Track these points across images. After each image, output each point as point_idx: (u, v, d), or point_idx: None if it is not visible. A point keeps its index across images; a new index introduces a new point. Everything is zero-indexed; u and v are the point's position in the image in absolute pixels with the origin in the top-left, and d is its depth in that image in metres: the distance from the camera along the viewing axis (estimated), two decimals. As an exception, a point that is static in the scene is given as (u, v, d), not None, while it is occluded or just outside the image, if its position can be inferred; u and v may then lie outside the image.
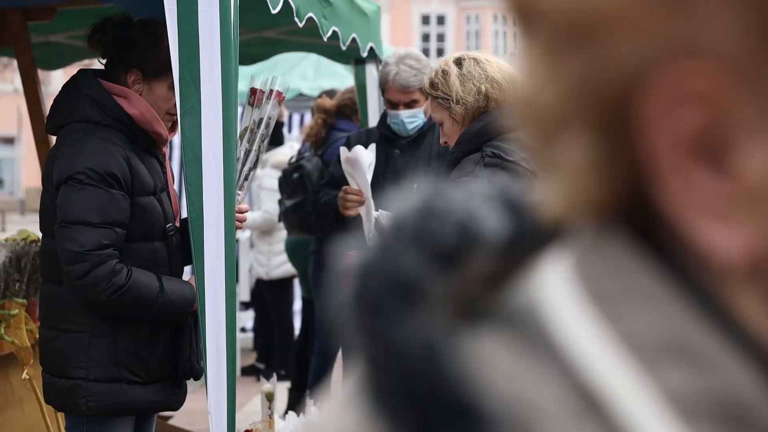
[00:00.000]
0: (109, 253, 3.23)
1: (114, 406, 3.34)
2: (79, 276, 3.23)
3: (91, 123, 3.35)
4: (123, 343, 3.33)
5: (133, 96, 3.39)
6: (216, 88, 3.09)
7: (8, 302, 4.09)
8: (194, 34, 3.09)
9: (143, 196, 3.35)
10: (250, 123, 3.61)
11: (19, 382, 4.19)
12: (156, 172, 3.45)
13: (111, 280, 3.22)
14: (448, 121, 3.28)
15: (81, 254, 3.22)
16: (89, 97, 3.38)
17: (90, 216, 3.23)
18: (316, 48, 5.87)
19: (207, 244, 3.10)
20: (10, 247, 4.21)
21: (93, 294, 3.24)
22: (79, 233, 3.23)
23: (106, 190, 3.25)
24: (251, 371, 8.72)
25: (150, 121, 3.39)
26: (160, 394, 3.42)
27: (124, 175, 3.28)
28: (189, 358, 3.43)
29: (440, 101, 3.28)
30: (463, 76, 3.24)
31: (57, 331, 3.37)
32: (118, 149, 3.31)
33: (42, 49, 5.61)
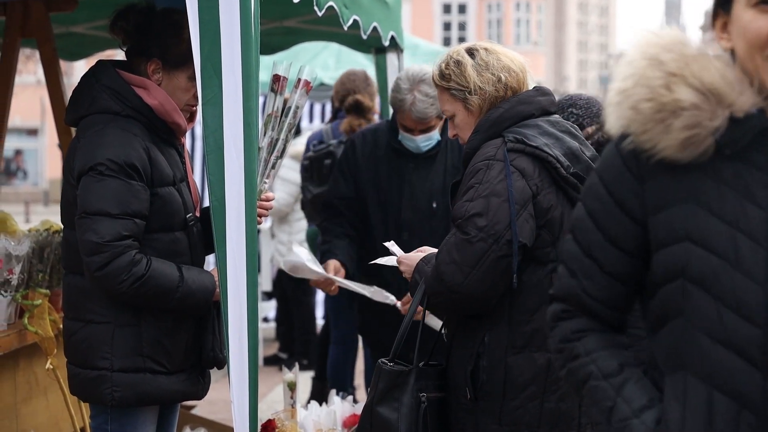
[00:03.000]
0: (128, 244, 3.24)
1: (139, 396, 3.35)
2: (99, 267, 3.24)
3: (110, 114, 3.35)
4: (147, 333, 3.33)
5: (153, 86, 3.39)
6: (237, 77, 3.08)
7: (31, 292, 4.10)
8: (215, 24, 3.08)
9: (163, 186, 3.35)
10: (274, 109, 3.58)
11: (43, 372, 4.22)
12: (175, 163, 3.45)
13: (131, 271, 3.22)
14: (462, 113, 3.25)
15: (100, 245, 3.23)
16: (108, 88, 3.38)
17: (110, 207, 3.24)
18: (337, 37, 5.85)
19: (229, 234, 3.10)
20: (33, 237, 4.23)
21: (113, 284, 3.25)
22: (99, 224, 3.24)
23: (126, 181, 3.26)
24: (274, 361, 8.74)
25: (169, 112, 3.39)
26: (185, 383, 3.44)
27: (143, 166, 3.29)
28: (212, 348, 3.44)
29: (454, 92, 3.24)
30: (479, 66, 3.21)
31: (81, 322, 3.39)
32: (138, 140, 3.31)
33: (64, 40, 5.62)
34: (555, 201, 3.09)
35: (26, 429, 4.35)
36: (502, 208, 3.01)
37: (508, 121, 3.16)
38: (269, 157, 3.59)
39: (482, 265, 2.99)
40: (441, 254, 3.07)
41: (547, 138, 3.13)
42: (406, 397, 3.09)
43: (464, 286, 3.00)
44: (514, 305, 3.08)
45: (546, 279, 3.09)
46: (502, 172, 3.04)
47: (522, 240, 3.01)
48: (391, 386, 3.11)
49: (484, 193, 3.03)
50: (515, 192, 3.02)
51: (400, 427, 3.08)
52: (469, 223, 3.02)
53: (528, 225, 3.04)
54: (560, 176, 3.09)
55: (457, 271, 3.01)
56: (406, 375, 3.11)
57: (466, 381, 3.09)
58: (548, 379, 3.09)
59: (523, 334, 3.07)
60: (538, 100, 3.21)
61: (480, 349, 3.08)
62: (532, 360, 3.08)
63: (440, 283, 3.04)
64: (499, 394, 3.08)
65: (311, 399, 6.54)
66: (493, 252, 2.99)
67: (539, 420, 3.08)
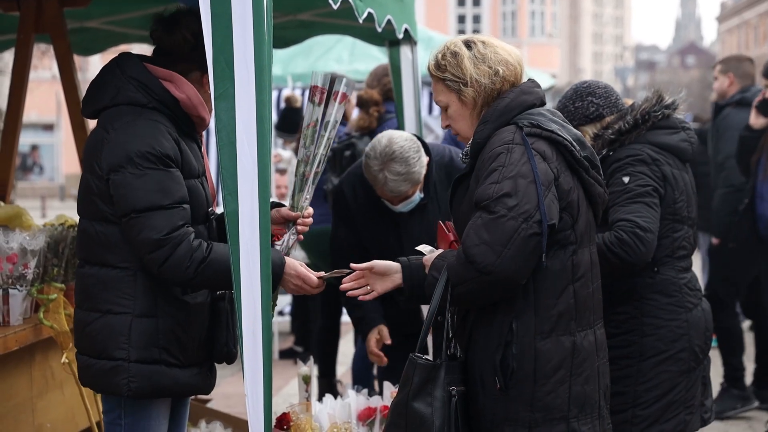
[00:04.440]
0: (184, 232, 3.23)
1: (154, 388, 3.35)
2: (163, 261, 3.22)
3: (137, 106, 3.32)
4: (163, 324, 3.33)
5: (180, 80, 3.38)
6: (250, 71, 3.08)
7: (47, 287, 4.12)
8: (227, 18, 3.08)
9: (190, 178, 3.35)
10: (312, 121, 3.52)
11: (59, 367, 4.23)
12: (197, 156, 3.44)
13: (192, 256, 3.21)
14: (456, 104, 3.25)
15: (160, 240, 3.21)
16: (135, 79, 3.35)
17: (160, 199, 3.22)
18: (351, 30, 5.85)
19: (242, 228, 3.10)
20: (48, 232, 4.24)
21: (179, 275, 3.23)
22: (153, 219, 3.21)
23: (166, 171, 3.25)
24: (289, 354, 8.76)
25: (196, 106, 3.38)
26: (196, 377, 3.44)
27: (176, 156, 3.29)
28: (226, 342, 3.45)
29: (448, 83, 3.24)
30: (475, 59, 3.21)
31: (97, 312, 3.35)
32: (168, 131, 3.31)
33: (78, 35, 5.64)
34: (572, 184, 3.14)
35: (42, 423, 4.37)
36: (530, 188, 3.02)
37: (516, 109, 3.18)
38: (309, 171, 3.54)
39: (514, 243, 2.99)
40: (468, 237, 3.04)
41: (555, 124, 3.17)
42: (438, 391, 3.09)
43: (497, 266, 2.99)
44: (538, 290, 3.09)
45: (568, 262, 3.10)
46: (525, 155, 3.06)
47: (551, 220, 3.03)
48: (426, 380, 3.10)
49: (510, 175, 3.03)
50: (540, 173, 3.04)
51: (435, 422, 3.07)
52: (498, 203, 3.01)
53: (554, 206, 3.07)
54: (575, 159, 3.12)
55: (488, 252, 2.99)
56: (438, 369, 3.11)
57: (495, 370, 3.09)
58: (574, 362, 3.12)
59: (549, 318, 3.09)
60: (536, 91, 3.25)
61: (508, 338, 3.08)
62: (560, 343, 3.10)
63: (469, 268, 3.02)
64: (530, 381, 3.08)
65: (320, 398, 6.51)
66: (524, 230, 2.99)
67: (569, 404, 3.11)
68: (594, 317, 3.22)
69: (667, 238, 4.14)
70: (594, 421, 3.16)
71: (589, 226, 3.20)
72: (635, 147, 4.13)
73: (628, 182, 4.01)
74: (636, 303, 4.04)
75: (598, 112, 4.21)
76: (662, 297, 4.10)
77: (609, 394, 3.31)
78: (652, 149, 4.14)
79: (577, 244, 3.13)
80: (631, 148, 4.12)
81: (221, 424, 5.01)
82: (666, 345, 4.08)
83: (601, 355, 3.24)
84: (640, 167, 4.06)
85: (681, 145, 4.20)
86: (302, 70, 10.61)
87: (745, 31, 67.27)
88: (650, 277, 4.10)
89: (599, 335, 3.25)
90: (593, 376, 3.17)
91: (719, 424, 6.81)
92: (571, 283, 3.12)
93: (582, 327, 3.15)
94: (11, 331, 3.96)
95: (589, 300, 3.18)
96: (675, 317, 4.10)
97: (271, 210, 3.44)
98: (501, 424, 3.11)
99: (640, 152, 4.11)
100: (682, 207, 4.17)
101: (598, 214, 3.28)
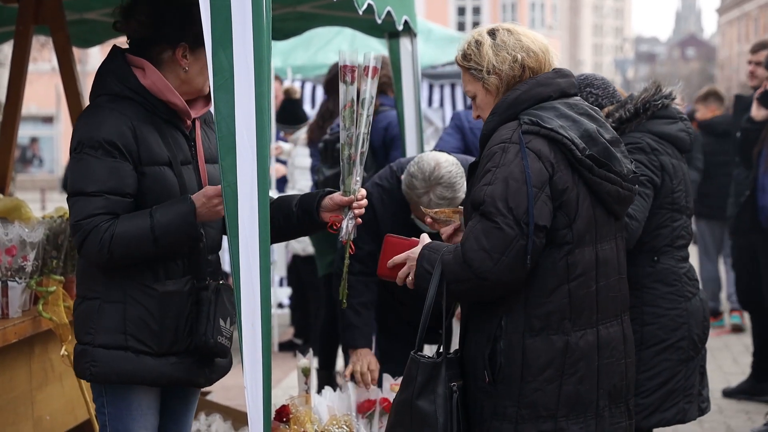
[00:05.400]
0: (98, 220, 3.28)
1: (118, 374, 3.36)
2: (79, 245, 3.33)
3: (111, 95, 3.39)
4: (132, 311, 3.35)
5: (148, 66, 3.40)
6: (249, 63, 3.07)
7: (46, 279, 4.12)
8: (226, 9, 3.07)
9: (152, 165, 3.36)
10: (348, 101, 3.47)
11: (58, 359, 4.23)
12: (177, 145, 3.44)
13: (101, 240, 3.27)
14: (482, 93, 3.24)
15: (74, 225, 3.32)
16: (113, 71, 3.42)
17: (85, 186, 3.30)
18: (351, 22, 5.83)
19: (241, 220, 3.10)
20: (47, 224, 4.24)
21: (96, 258, 3.32)
22: (75, 204, 3.32)
23: (101, 159, 3.29)
24: (289, 347, 8.76)
25: (162, 91, 3.40)
26: (175, 367, 3.41)
27: (126, 144, 3.30)
28: (204, 332, 3.40)
29: (473, 72, 3.23)
30: (497, 46, 3.20)
31: (79, 298, 3.47)
32: (124, 119, 3.33)
33: (77, 27, 5.63)
34: (571, 183, 3.08)
35: (42, 415, 4.37)
36: (521, 191, 3.00)
37: (525, 103, 3.14)
38: (355, 153, 3.47)
39: (511, 251, 2.99)
40: (468, 242, 3.05)
41: (564, 120, 3.11)
42: (440, 388, 3.10)
43: (494, 272, 3.00)
44: (530, 288, 3.07)
45: (561, 261, 3.08)
46: (518, 155, 3.03)
47: (541, 222, 3.01)
48: (429, 378, 3.11)
49: (503, 176, 3.02)
50: (532, 174, 3.01)
51: (439, 419, 3.08)
52: (493, 209, 3.01)
53: (547, 207, 3.03)
54: (575, 158, 3.07)
55: (486, 258, 3.00)
56: (440, 366, 3.11)
57: (484, 364, 3.09)
58: (566, 362, 3.08)
59: (540, 316, 3.07)
60: (557, 82, 3.19)
61: (497, 333, 3.08)
62: (550, 342, 3.07)
63: (467, 270, 3.03)
64: (517, 377, 3.08)
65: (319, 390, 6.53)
66: (521, 238, 2.99)
67: (557, 403, 3.08)
68: (599, 316, 3.15)
69: (666, 227, 4.16)
70: (589, 421, 3.12)
71: (593, 225, 3.13)
72: (635, 135, 4.17)
73: None
74: (636, 292, 4.05)
75: (597, 102, 4.24)
76: (662, 286, 4.13)
77: (623, 393, 3.24)
78: (652, 138, 4.17)
79: (575, 243, 3.09)
80: (630, 136, 4.16)
81: (221, 417, 5.01)
82: (666, 334, 4.11)
83: (608, 354, 3.17)
84: (637, 155, 4.08)
85: (680, 135, 4.24)
86: (302, 62, 10.59)
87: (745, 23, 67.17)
88: (650, 266, 4.13)
89: (606, 334, 3.17)
90: (590, 376, 3.12)
91: (718, 416, 6.81)
92: (566, 282, 3.08)
93: (579, 327, 3.10)
94: (10, 324, 3.96)
95: (590, 299, 3.12)
96: (675, 306, 4.13)
97: (323, 198, 3.50)
98: (489, 418, 3.12)
99: (640, 141, 4.15)
100: (680, 197, 4.20)
101: (614, 211, 3.19)
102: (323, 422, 4.09)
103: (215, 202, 3.29)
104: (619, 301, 3.24)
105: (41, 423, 4.36)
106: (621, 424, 3.24)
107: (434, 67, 10.58)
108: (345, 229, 3.46)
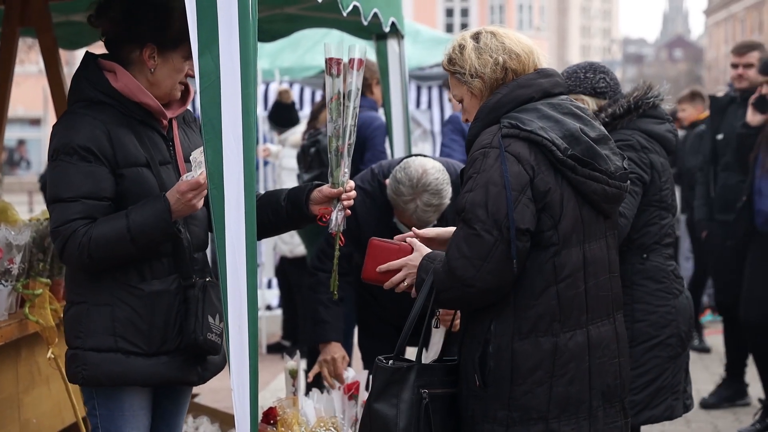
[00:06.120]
0: (76, 225, 3.29)
1: (108, 376, 3.36)
2: (60, 251, 3.34)
3: (86, 101, 3.39)
4: (119, 313, 3.35)
5: (119, 69, 3.40)
6: (235, 65, 3.07)
7: (32, 282, 4.10)
8: (213, 12, 3.06)
9: (130, 167, 3.36)
10: (334, 94, 3.48)
11: (45, 362, 4.22)
12: (155, 145, 3.44)
13: (80, 244, 3.28)
14: (467, 96, 3.24)
15: (54, 232, 3.33)
16: (86, 78, 3.42)
17: (62, 192, 3.31)
18: (338, 24, 5.83)
19: (227, 222, 3.09)
20: (34, 227, 4.22)
21: (77, 263, 3.33)
22: (53, 211, 3.34)
23: (76, 165, 3.30)
24: (277, 348, 8.75)
25: (135, 93, 3.39)
26: (167, 366, 3.41)
27: (100, 148, 3.31)
28: (194, 330, 3.39)
29: (458, 76, 3.23)
30: (479, 49, 3.20)
31: (68, 303, 3.48)
32: (98, 123, 3.33)
33: (64, 29, 5.61)
34: (553, 184, 3.07)
35: (28, 418, 4.36)
36: (501, 195, 3.00)
37: (507, 106, 3.13)
38: (342, 145, 3.48)
39: (492, 257, 3.00)
40: (451, 249, 3.06)
41: (545, 121, 3.10)
42: (405, 393, 3.09)
43: (477, 279, 3.01)
44: (518, 290, 3.07)
45: (548, 263, 3.08)
46: (498, 159, 3.03)
47: (523, 225, 3.00)
48: (388, 383, 3.11)
49: (482, 182, 3.03)
50: (511, 177, 3.01)
51: (399, 423, 3.08)
52: (472, 215, 3.02)
53: (529, 210, 3.03)
54: (556, 159, 3.06)
55: (468, 265, 3.01)
56: (405, 372, 3.10)
57: (474, 368, 3.09)
58: (555, 364, 3.08)
59: (528, 319, 3.07)
60: (538, 83, 3.18)
61: (487, 336, 3.08)
62: (538, 345, 3.07)
63: (452, 278, 3.04)
64: (506, 380, 3.07)
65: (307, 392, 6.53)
66: (500, 242, 2.99)
67: (548, 404, 3.08)
68: (590, 316, 3.13)
69: (655, 225, 4.20)
70: (581, 421, 3.12)
71: (580, 225, 3.12)
72: (626, 132, 4.21)
73: None
74: (626, 289, 4.07)
75: (604, 90, 4.27)
76: (652, 283, 4.17)
77: (617, 392, 3.23)
78: (642, 136, 4.21)
79: (560, 244, 3.07)
80: (621, 133, 4.20)
81: (208, 419, 5.01)
82: (656, 331, 4.15)
83: (599, 354, 3.15)
84: (628, 152, 4.11)
85: (667, 135, 4.30)
86: (290, 63, 10.59)
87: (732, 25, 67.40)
88: (640, 264, 4.17)
89: (597, 334, 3.15)
90: (581, 377, 3.11)
91: (706, 416, 6.83)
92: (554, 284, 3.07)
93: (569, 328, 3.09)
94: (-4, 327, 3.94)
95: (579, 299, 3.11)
96: (664, 303, 4.17)
97: (312, 191, 3.52)
98: (480, 421, 3.11)
99: (630, 138, 4.19)
100: (667, 195, 4.25)
101: (602, 210, 3.17)
102: (310, 424, 4.09)
103: (189, 197, 3.29)
104: (610, 300, 3.23)
105: (28, 426, 4.34)
106: (616, 424, 3.23)
107: (422, 68, 10.59)
108: (334, 221, 3.48)
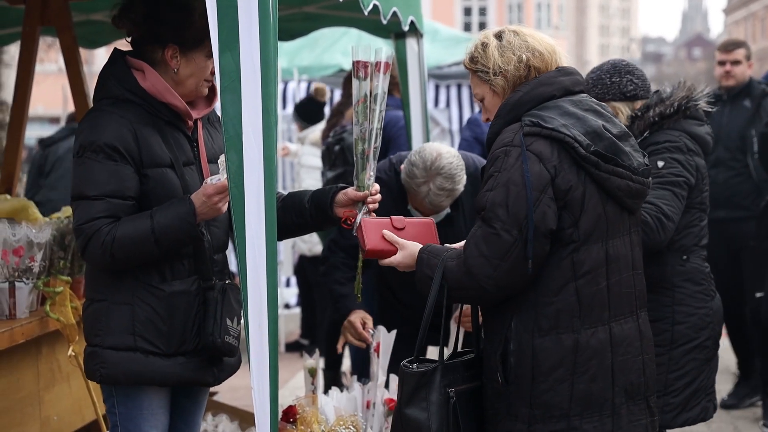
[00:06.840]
0: (99, 223, 3.30)
1: (126, 375, 3.37)
2: (82, 249, 3.35)
3: (112, 99, 3.40)
4: (140, 312, 3.37)
5: (147, 69, 3.41)
6: (255, 64, 3.07)
7: (53, 280, 4.12)
8: (233, 11, 3.07)
9: (155, 167, 3.37)
10: (361, 97, 3.49)
11: (65, 359, 4.24)
12: (179, 146, 3.45)
13: (103, 242, 3.29)
14: (489, 95, 3.24)
15: (77, 229, 3.34)
16: (114, 74, 3.43)
17: (87, 189, 3.32)
18: (357, 22, 5.84)
19: (248, 221, 3.09)
20: (55, 225, 4.25)
21: (100, 261, 3.34)
22: (77, 208, 3.35)
23: (102, 163, 3.30)
24: (295, 347, 8.76)
25: (162, 93, 3.40)
26: (184, 367, 3.42)
27: (126, 147, 3.32)
28: (212, 332, 3.41)
29: (480, 74, 3.23)
30: (502, 47, 3.20)
31: (88, 301, 3.49)
32: (124, 122, 3.34)
33: (84, 28, 5.64)
34: (575, 181, 3.06)
35: (49, 416, 4.38)
36: (521, 195, 3.00)
37: (528, 104, 3.13)
38: (368, 148, 3.48)
39: (510, 257, 3.00)
40: (469, 248, 3.06)
41: (567, 118, 3.09)
42: (433, 395, 3.10)
43: (494, 278, 3.01)
44: (537, 287, 3.07)
45: (566, 259, 3.07)
46: (519, 158, 3.02)
47: (545, 227, 3.00)
48: (416, 387, 3.11)
49: (503, 181, 3.02)
50: (532, 177, 3.00)
51: (432, 426, 3.08)
52: (492, 215, 3.02)
53: (550, 210, 3.02)
54: (579, 156, 3.05)
55: (486, 264, 3.01)
56: (430, 374, 3.11)
57: (497, 365, 3.09)
58: (577, 361, 3.07)
59: (548, 315, 3.06)
60: (559, 81, 3.17)
61: (508, 334, 3.08)
62: (559, 342, 3.06)
63: (469, 276, 3.04)
64: (528, 378, 3.07)
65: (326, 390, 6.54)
66: (519, 242, 2.99)
67: (570, 402, 3.07)
68: (612, 313, 3.11)
69: (695, 227, 4.18)
70: (604, 419, 3.10)
71: (603, 222, 3.10)
72: (673, 133, 4.16)
73: (662, 167, 4.04)
74: (667, 291, 4.07)
75: (634, 92, 4.22)
76: (692, 285, 4.16)
77: (641, 390, 3.20)
78: (688, 139, 4.17)
79: (581, 241, 3.06)
80: (668, 133, 4.15)
81: (228, 417, 5.02)
82: (695, 333, 4.13)
83: (622, 351, 3.13)
84: (676, 155, 4.08)
85: (706, 137, 4.26)
86: (308, 62, 10.60)
87: (752, 23, 67.05)
88: (681, 265, 4.15)
89: (620, 331, 3.13)
90: (603, 374, 3.09)
91: (726, 416, 6.80)
92: (573, 280, 3.06)
93: (590, 324, 3.08)
94: (18, 324, 3.96)
95: (601, 296, 3.09)
96: (703, 305, 4.16)
97: (337, 194, 3.52)
98: (503, 419, 3.12)
99: (678, 140, 4.14)
100: (706, 197, 4.24)
101: (626, 205, 3.16)
102: (330, 423, 4.09)
103: (215, 200, 3.30)
104: (633, 297, 3.21)
105: (49, 423, 4.37)
106: (641, 422, 3.20)
107: (440, 67, 10.59)
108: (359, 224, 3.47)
